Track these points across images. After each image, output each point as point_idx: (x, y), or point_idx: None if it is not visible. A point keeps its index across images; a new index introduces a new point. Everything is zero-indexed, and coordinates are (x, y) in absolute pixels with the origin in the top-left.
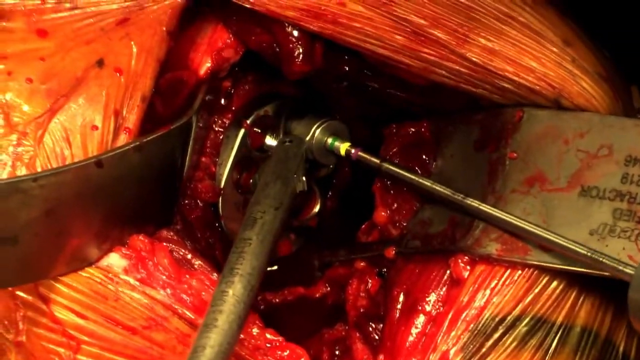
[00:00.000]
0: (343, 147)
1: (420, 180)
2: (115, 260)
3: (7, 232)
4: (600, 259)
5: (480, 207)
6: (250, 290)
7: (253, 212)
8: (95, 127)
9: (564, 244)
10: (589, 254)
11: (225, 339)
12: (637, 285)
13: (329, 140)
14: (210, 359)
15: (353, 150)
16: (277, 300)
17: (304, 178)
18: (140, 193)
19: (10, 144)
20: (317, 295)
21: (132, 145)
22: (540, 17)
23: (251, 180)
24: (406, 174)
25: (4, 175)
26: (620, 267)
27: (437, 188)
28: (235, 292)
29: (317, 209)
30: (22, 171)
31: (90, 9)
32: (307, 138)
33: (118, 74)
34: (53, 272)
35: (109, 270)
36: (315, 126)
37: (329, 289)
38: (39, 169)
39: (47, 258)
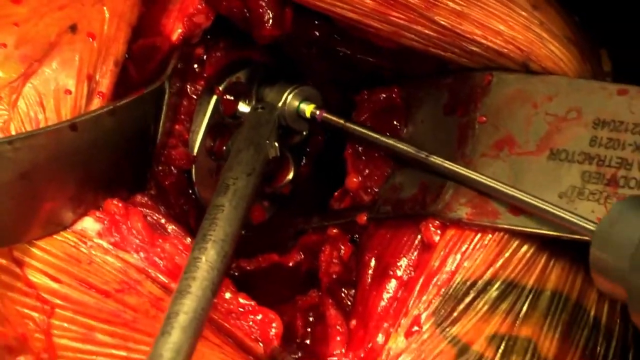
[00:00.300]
0: (308, 109)
1: (384, 139)
2: (89, 224)
3: None
4: (566, 215)
5: (444, 164)
6: (224, 256)
7: (226, 178)
8: (68, 92)
9: (528, 200)
10: (554, 210)
11: (199, 305)
12: (598, 242)
13: (301, 105)
14: (184, 326)
15: (318, 112)
16: (250, 267)
17: (276, 144)
18: (114, 157)
19: None
20: (291, 263)
21: (105, 109)
22: None
23: (224, 147)
24: (370, 133)
25: None
26: (583, 224)
27: (401, 146)
28: (208, 258)
29: (290, 176)
30: None
31: None
32: (280, 104)
33: (91, 39)
34: (28, 236)
35: (83, 234)
36: (287, 92)
37: (302, 256)
38: (13, 133)
39: (21, 221)
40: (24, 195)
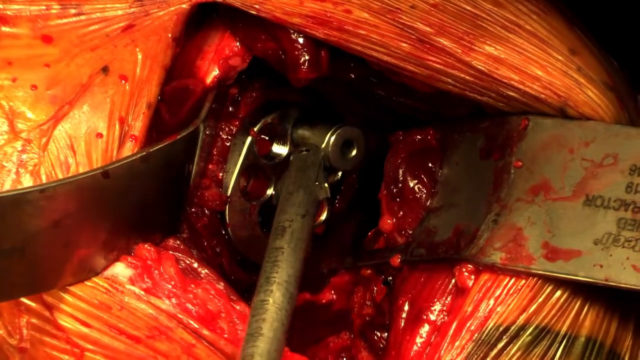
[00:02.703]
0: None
1: None
2: (120, 269)
3: (14, 243)
4: None
5: None
6: (290, 297)
7: (281, 221)
8: (100, 135)
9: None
10: None
11: (272, 346)
12: None
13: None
14: None
15: None
16: None
17: (325, 185)
18: (147, 202)
19: (15, 151)
20: (323, 302)
21: (138, 156)
22: (547, 25)
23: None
24: None
25: (8, 183)
26: None
27: None
28: (275, 300)
29: (324, 216)
30: (26, 179)
31: (96, 15)
32: (323, 145)
33: (123, 81)
34: (60, 283)
35: (114, 280)
36: (330, 133)
37: (335, 296)
38: (43, 177)
39: (54, 269)
40: (56, 243)
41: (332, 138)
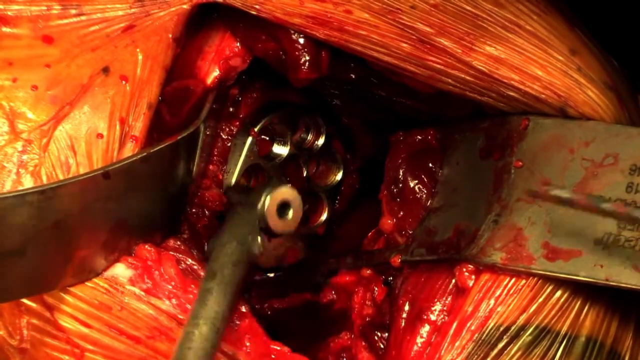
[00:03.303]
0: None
1: None
2: (121, 270)
3: (15, 245)
4: None
5: None
6: (216, 331)
7: (212, 267)
8: (100, 136)
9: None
10: None
11: None
12: None
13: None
14: None
15: None
16: (283, 305)
17: (259, 241)
18: (148, 203)
19: (16, 151)
20: (324, 302)
21: (139, 156)
22: (548, 25)
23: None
24: None
25: (9, 184)
26: None
27: None
28: (201, 332)
29: (324, 217)
30: (26, 179)
31: (96, 15)
32: (259, 206)
33: (124, 82)
34: (60, 284)
35: (115, 280)
36: (265, 194)
37: (335, 296)
38: (44, 178)
39: (54, 270)
40: (56, 244)
41: (268, 199)
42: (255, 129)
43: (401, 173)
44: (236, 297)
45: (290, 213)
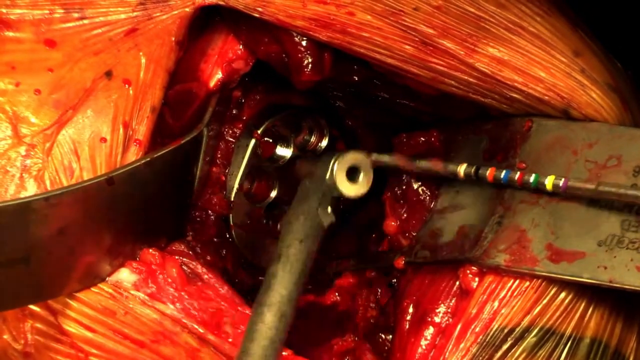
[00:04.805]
0: None
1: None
2: (125, 275)
3: (19, 252)
4: None
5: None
6: (281, 316)
7: (279, 248)
8: (103, 140)
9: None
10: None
11: None
12: None
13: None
14: None
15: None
16: None
17: (329, 211)
18: (152, 207)
19: (19, 155)
20: (327, 303)
21: (142, 161)
22: (551, 27)
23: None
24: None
25: (12, 188)
26: None
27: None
28: (265, 320)
29: None
30: (30, 184)
31: (99, 19)
32: (327, 175)
33: (127, 85)
34: (66, 290)
35: (119, 285)
36: (333, 160)
37: (339, 298)
38: (47, 182)
39: (59, 277)
40: (61, 250)
41: (336, 166)
42: (259, 131)
43: (404, 175)
44: (305, 274)
45: (361, 176)
